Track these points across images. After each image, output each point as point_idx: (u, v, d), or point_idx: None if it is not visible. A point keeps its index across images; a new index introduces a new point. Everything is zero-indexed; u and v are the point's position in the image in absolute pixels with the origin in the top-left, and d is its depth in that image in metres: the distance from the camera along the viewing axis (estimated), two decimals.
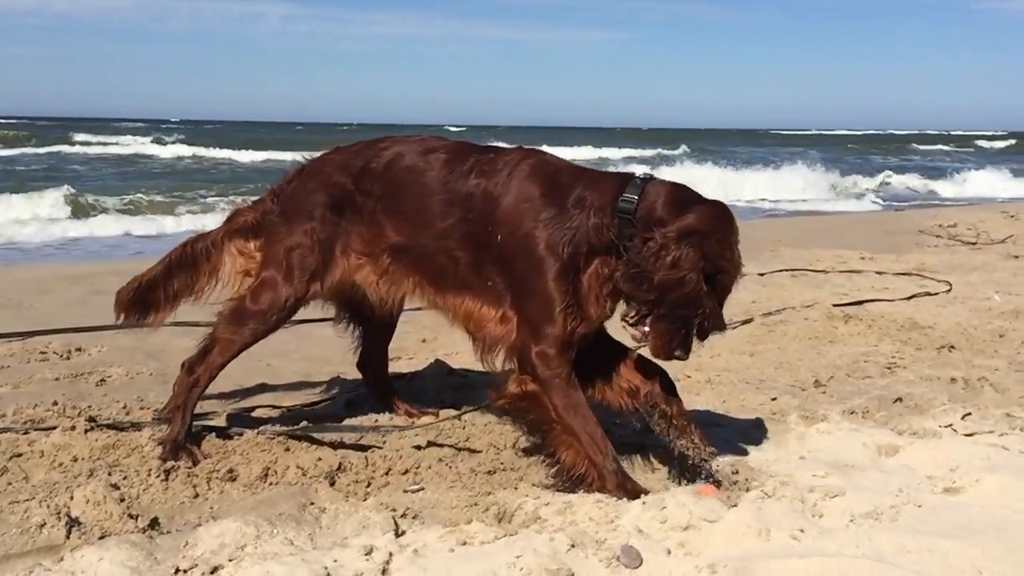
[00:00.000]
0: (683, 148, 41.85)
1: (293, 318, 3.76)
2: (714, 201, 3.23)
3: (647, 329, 3.17)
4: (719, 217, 3.16)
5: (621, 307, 3.31)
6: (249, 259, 3.72)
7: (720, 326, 3.24)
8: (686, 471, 3.36)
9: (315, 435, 3.70)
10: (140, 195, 17.87)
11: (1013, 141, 64.87)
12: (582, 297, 3.21)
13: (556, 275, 3.18)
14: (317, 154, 3.84)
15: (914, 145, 58.45)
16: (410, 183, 3.48)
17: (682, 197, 3.21)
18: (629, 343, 3.44)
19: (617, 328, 3.38)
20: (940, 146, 58.58)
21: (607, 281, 3.21)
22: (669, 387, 3.42)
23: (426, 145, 3.56)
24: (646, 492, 3.09)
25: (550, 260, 3.19)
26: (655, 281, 3.04)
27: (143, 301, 3.84)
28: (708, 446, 3.32)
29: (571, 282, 3.19)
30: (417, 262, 3.49)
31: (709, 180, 22.05)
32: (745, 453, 3.66)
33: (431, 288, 3.51)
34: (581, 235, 3.18)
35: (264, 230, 3.70)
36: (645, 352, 3.39)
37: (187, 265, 3.80)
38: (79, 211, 15.20)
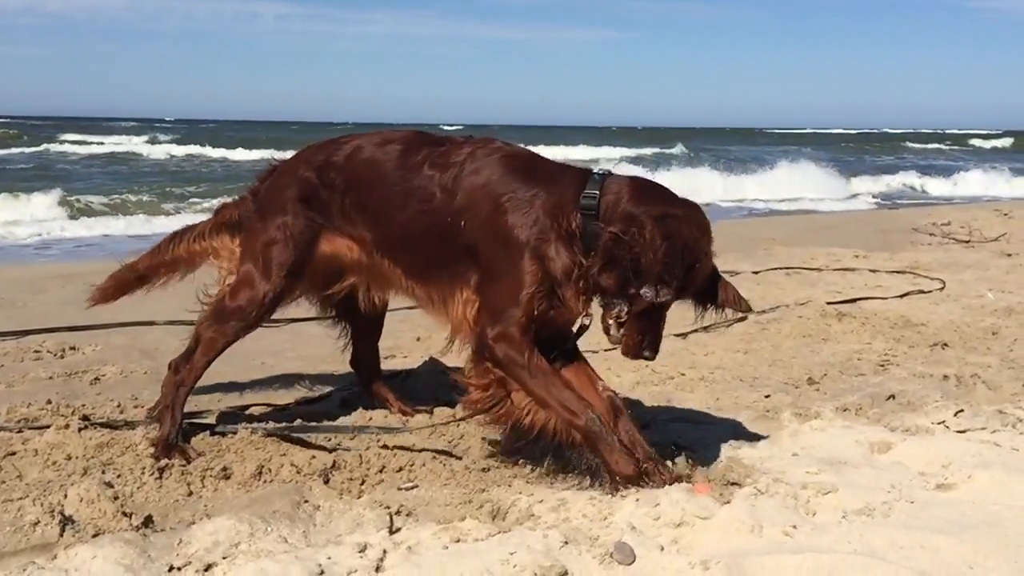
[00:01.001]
0: (680, 147, 41.78)
1: (289, 317, 3.77)
2: (676, 194, 3.24)
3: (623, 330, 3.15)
4: (690, 206, 3.19)
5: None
6: (231, 255, 3.77)
7: (741, 303, 3.35)
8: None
9: (304, 435, 3.70)
10: (133, 194, 17.85)
11: (1009, 140, 64.97)
12: (551, 287, 3.16)
13: (521, 258, 3.15)
14: (290, 153, 3.93)
15: (909, 144, 58.53)
16: (369, 176, 3.52)
17: (647, 190, 3.22)
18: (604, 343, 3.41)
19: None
20: (935, 144, 58.67)
21: (578, 280, 3.14)
22: (617, 410, 3.28)
23: (383, 137, 3.60)
24: (635, 459, 3.08)
25: (514, 243, 3.17)
26: (648, 258, 2.98)
27: (127, 290, 4.02)
28: (660, 466, 3.17)
29: (538, 268, 3.15)
30: (387, 255, 3.52)
31: (709, 181, 22.12)
32: (738, 450, 3.66)
33: (407, 281, 3.53)
34: (544, 224, 3.16)
35: (243, 228, 3.76)
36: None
37: (173, 259, 3.91)
38: (71, 211, 15.17)
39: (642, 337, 3.14)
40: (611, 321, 3.17)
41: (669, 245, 3.00)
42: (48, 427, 3.65)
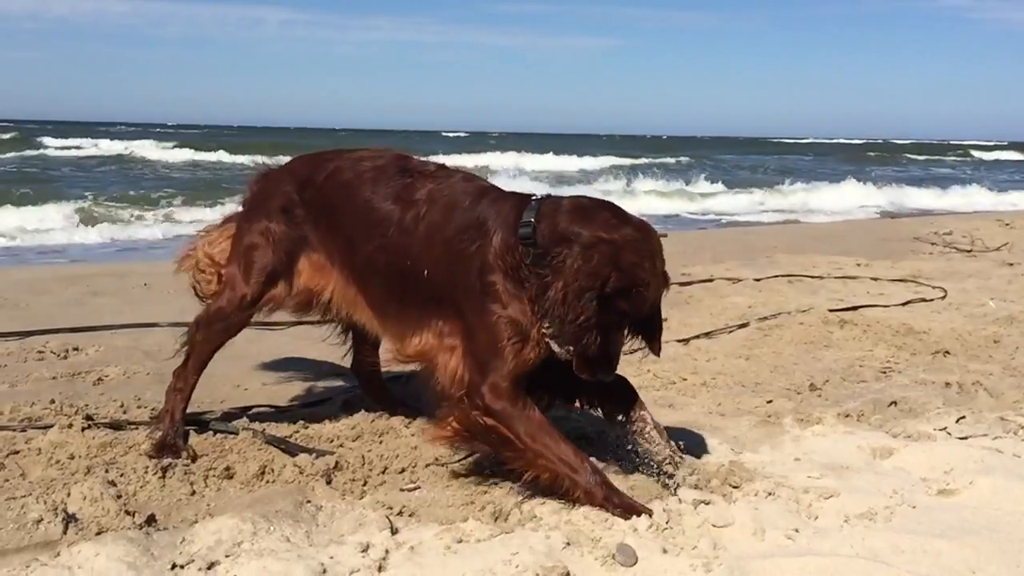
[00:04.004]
0: (687, 158, 41.66)
1: (292, 320, 3.77)
2: (618, 208, 3.10)
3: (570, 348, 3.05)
4: (637, 228, 3.03)
5: None
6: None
7: (654, 347, 3.17)
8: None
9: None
10: (130, 199, 17.82)
11: (1011, 152, 65.08)
12: (520, 328, 3.07)
13: (484, 306, 3.09)
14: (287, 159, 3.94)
15: (911, 154, 58.60)
16: (342, 201, 3.50)
17: (584, 210, 3.08)
18: None
19: None
20: (938, 155, 58.76)
21: (532, 310, 3.04)
22: (631, 400, 3.29)
23: (360, 162, 3.55)
24: (638, 511, 2.93)
25: (474, 290, 3.11)
26: (556, 304, 2.91)
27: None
28: (677, 455, 3.21)
29: (503, 315, 3.07)
30: (355, 282, 3.50)
31: (712, 192, 22.11)
32: (740, 455, 3.67)
33: (370, 310, 3.51)
34: (494, 262, 3.09)
35: (234, 228, 3.80)
36: None
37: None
38: (73, 214, 15.12)
39: (590, 357, 3.04)
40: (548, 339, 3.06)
41: (588, 278, 2.90)
42: (51, 426, 3.65)
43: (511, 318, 3.07)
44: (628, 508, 2.95)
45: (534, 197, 3.20)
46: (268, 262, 3.63)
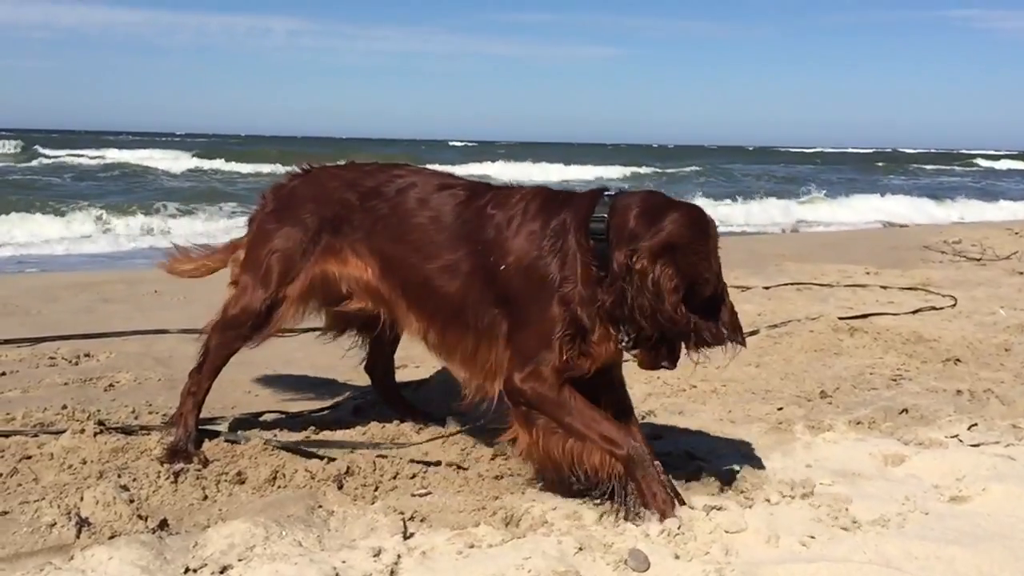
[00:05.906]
0: (695, 167, 41.56)
1: (302, 326, 3.80)
2: (687, 207, 3.13)
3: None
4: (693, 225, 3.05)
5: None
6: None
7: (717, 338, 3.11)
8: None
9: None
10: (140, 207, 17.83)
11: (1020, 162, 64.97)
12: (582, 326, 3.07)
13: (549, 300, 3.08)
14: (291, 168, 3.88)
15: (921, 163, 58.52)
16: (419, 214, 3.42)
17: (653, 205, 3.11)
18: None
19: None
20: (946, 164, 58.68)
21: (601, 308, 3.04)
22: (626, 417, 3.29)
23: (443, 181, 3.52)
24: (676, 499, 2.97)
25: (546, 288, 3.10)
26: (635, 307, 2.94)
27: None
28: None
29: (564, 310, 3.07)
30: (416, 294, 3.43)
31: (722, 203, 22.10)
32: (752, 461, 3.66)
33: (431, 324, 3.43)
34: (570, 261, 3.10)
35: (252, 227, 3.75)
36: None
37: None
38: (80, 223, 15.14)
39: (658, 351, 3.10)
40: (624, 339, 3.10)
41: (663, 296, 2.92)
42: (64, 431, 3.67)
43: (573, 316, 3.07)
44: (662, 487, 2.96)
45: (606, 193, 3.20)
46: (295, 271, 3.56)
